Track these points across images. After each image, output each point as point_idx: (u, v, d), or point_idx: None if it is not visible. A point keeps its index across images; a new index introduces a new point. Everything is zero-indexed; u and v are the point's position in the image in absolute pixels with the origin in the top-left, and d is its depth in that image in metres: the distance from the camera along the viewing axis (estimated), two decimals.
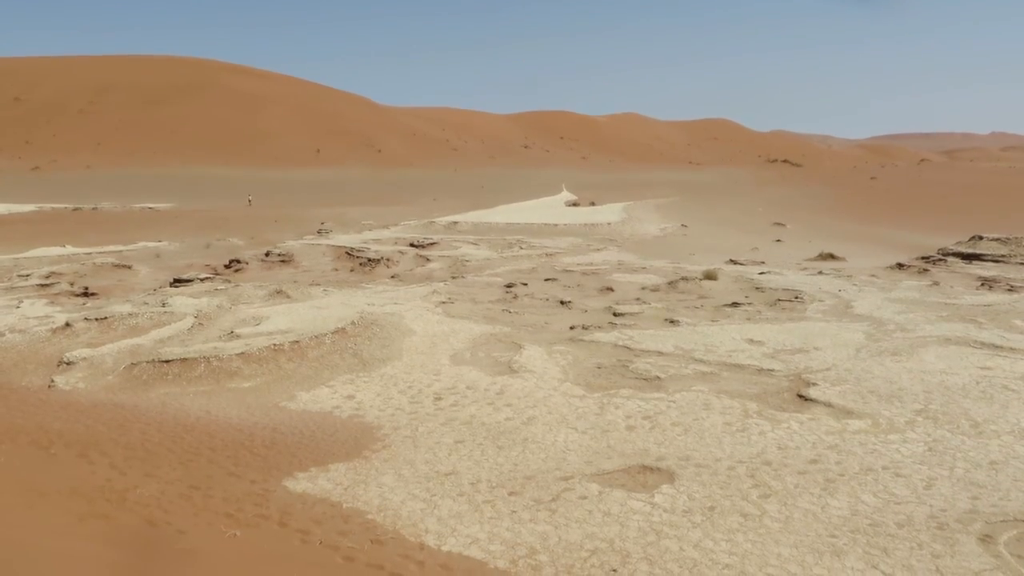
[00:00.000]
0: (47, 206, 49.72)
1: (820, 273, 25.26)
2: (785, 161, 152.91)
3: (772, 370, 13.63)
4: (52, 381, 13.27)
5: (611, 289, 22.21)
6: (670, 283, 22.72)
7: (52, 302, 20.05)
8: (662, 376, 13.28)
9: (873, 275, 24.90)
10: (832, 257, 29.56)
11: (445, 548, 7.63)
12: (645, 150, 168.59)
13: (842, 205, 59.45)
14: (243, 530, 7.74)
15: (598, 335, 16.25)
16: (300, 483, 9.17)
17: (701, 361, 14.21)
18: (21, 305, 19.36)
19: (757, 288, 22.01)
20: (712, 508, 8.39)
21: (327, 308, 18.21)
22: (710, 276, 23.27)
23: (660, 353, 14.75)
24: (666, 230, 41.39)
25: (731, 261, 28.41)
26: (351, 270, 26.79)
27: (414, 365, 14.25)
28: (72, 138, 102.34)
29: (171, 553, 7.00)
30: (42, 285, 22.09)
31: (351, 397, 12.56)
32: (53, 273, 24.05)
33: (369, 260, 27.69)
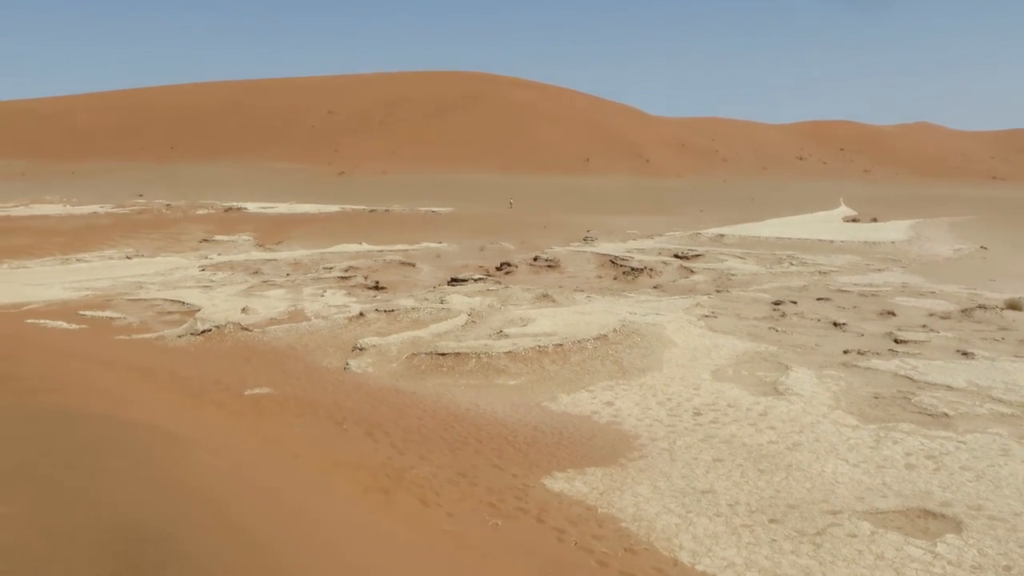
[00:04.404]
0: (348, 207, 55.71)
1: None
2: None
3: None
4: (347, 364, 14.86)
5: (892, 313, 20.41)
6: (964, 311, 20.38)
7: (349, 293, 22.48)
8: (951, 413, 11.97)
9: None
10: None
11: (699, 567, 7.47)
12: (938, 163, 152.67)
13: None
14: (504, 521, 8.13)
15: (876, 362, 15.02)
16: (558, 482, 9.45)
17: (1000, 400, 12.60)
18: (325, 295, 21.92)
19: None
20: (1009, 568, 7.42)
21: (590, 314, 18.58)
22: (1014, 306, 20.53)
23: (949, 387, 13.30)
24: (961, 252, 37.20)
25: None
26: (614, 278, 27.11)
27: (674, 377, 14.11)
28: (372, 146, 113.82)
29: (438, 534, 7.53)
30: (342, 278, 24.85)
31: (610, 404, 12.72)
32: (351, 267, 26.93)
33: (632, 269, 27.84)
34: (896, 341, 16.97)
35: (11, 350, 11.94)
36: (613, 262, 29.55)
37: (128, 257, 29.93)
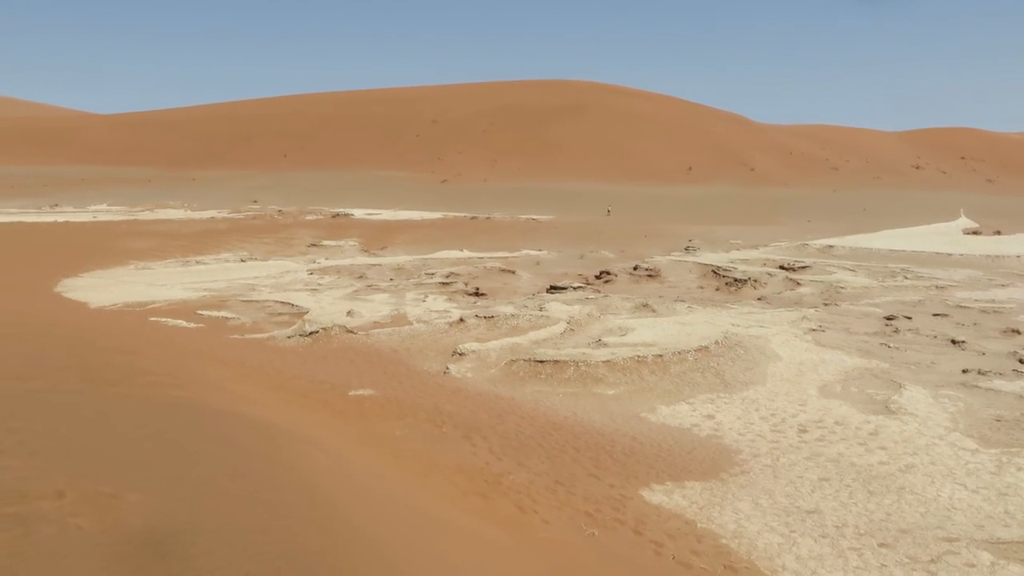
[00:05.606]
0: (450, 214, 56.60)
1: None
2: None
3: None
4: (447, 368, 15.11)
5: (1018, 331, 19.21)
6: None
7: (450, 299, 22.85)
8: None
9: None
10: None
11: None
12: None
13: None
14: (600, 531, 8.10)
15: (998, 383, 14.18)
16: (656, 495, 9.34)
17: None
18: (426, 300, 22.36)
19: None
20: None
21: (690, 325, 18.28)
22: None
23: None
24: None
25: None
26: (716, 289, 26.58)
27: (778, 392, 13.72)
28: (474, 155, 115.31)
29: (536, 542, 7.57)
30: (443, 283, 25.28)
31: (710, 417, 12.48)
32: (452, 273, 27.36)
33: (735, 280, 27.20)
34: (1021, 361, 15.98)
35: (138, 346, 12.71)
36: (715, 272, 28.96)
37: (242, 260, 31.35)
